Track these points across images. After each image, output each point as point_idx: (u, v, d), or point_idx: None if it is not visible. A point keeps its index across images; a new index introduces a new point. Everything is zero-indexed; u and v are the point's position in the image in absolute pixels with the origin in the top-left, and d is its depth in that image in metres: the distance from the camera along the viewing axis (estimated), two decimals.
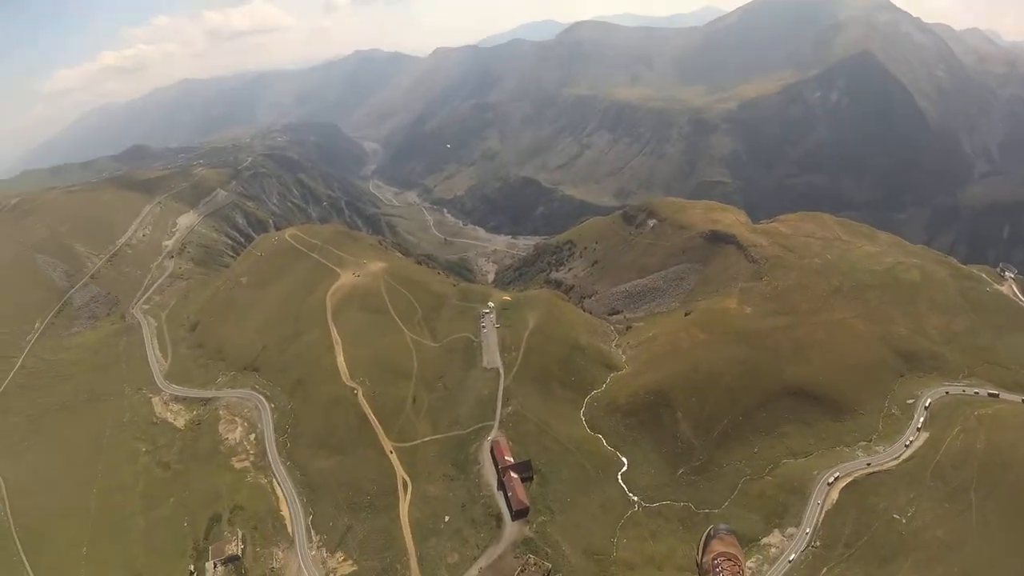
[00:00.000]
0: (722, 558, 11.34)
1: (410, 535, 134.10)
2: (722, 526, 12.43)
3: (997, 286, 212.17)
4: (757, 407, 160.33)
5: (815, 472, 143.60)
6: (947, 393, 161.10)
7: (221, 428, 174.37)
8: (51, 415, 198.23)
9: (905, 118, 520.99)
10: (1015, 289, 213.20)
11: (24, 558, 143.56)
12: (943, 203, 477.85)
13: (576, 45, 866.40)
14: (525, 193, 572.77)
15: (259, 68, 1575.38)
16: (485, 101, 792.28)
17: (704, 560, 11.60)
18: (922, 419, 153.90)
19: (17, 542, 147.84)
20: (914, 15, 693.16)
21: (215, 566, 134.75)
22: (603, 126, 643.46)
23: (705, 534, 12.40)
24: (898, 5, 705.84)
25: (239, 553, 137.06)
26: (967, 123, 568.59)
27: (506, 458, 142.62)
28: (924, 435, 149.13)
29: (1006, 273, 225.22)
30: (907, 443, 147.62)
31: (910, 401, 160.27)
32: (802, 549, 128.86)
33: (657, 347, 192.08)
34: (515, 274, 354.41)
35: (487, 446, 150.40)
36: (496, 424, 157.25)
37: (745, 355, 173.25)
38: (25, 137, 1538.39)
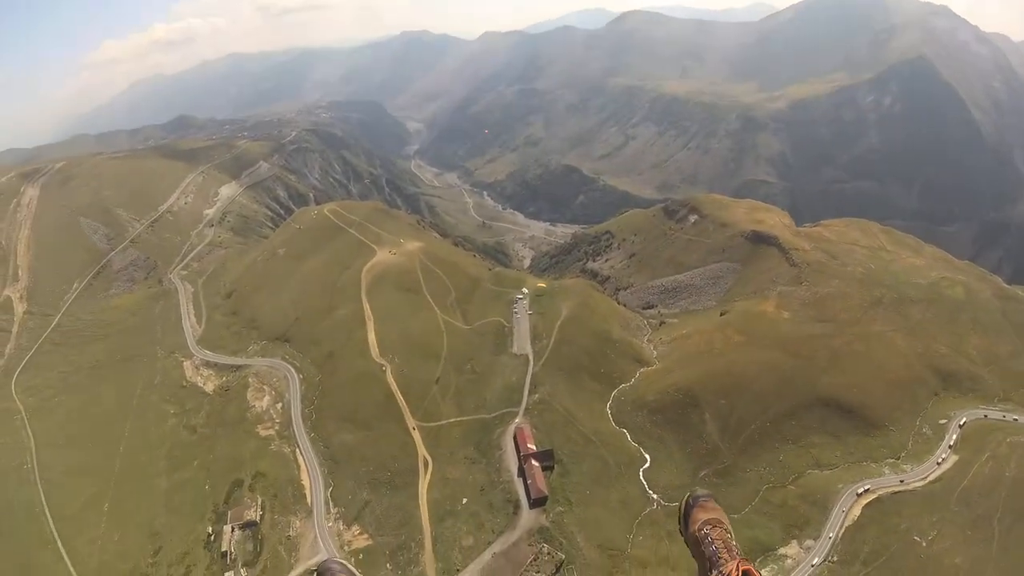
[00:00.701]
0: (708, 525, 11.05)
1: (427, 515, 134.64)
2: (700, 492, 12.09)
3: None
4: (787, 415, 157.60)
5: (839, 486, 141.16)
6: (985, 416, 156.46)
7: (249, 395, 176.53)
8: (84, 373, 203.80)
9: (958, 128, 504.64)
10: None
11: (47, 510, 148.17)
12: (992, 219, 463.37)
13: (626, 35, 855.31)
14: (566, 181, 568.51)
15: (307, 45, 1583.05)
16: (531, 87, 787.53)
17: (689, 531, 11.32)
18: (953, 441, 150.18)
19: (42, 495, 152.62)
20: (972, 23, 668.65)
21: (233, 530, 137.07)
22: (649, 118, 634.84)
23: (683, 504, 11.97)
24: (956, 12, 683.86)
25: (257, 519, 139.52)
26: (1022, 138, 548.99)
27: (528, 446, 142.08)
28: (954, 458, 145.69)
29: None
30: (937, 463, 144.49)
31: (943, 421, 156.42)
32: (819, 563, 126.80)
33: (690, 345, 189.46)
34: (551, 261, 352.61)
35: (511, 432, 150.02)
36: (521, 411, 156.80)
37: (780, 361, 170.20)
38: (72, 105, 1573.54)
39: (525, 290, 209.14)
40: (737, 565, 9.76)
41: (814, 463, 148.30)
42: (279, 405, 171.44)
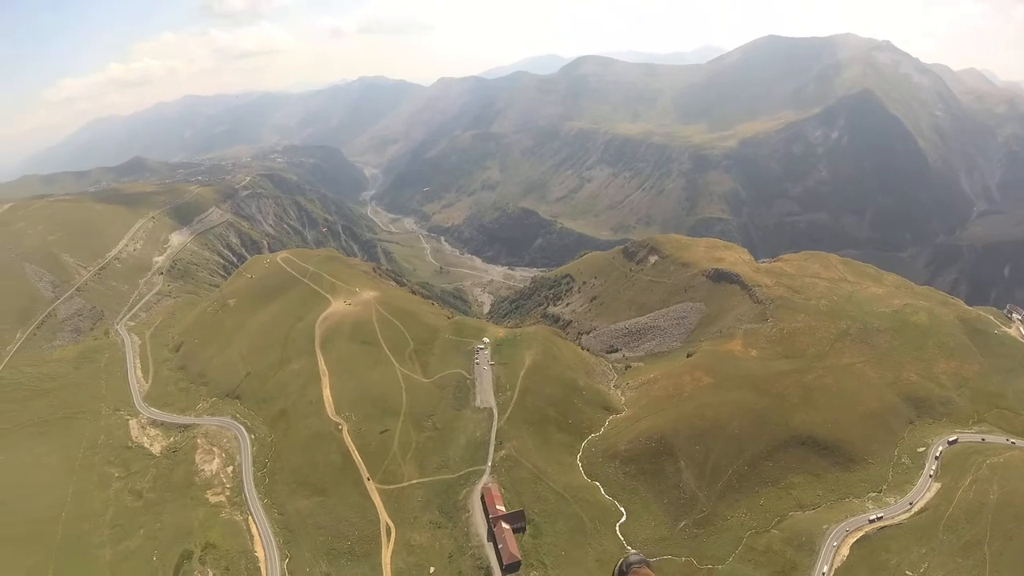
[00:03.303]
0: None
1: None
2: (633, 557, 11.49)
3: (1005, 328, 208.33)
4: (764, 456, 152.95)
5: (824, 526, 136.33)
6: (957, 440, 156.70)
7: (198, 458, 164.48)
8: (25, 431, 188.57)
9: (905, 157, 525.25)
10: (1023, 331, 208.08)
11: None
12: (944, 242, 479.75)
13: (579, 79, 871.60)
14: (524, 224, 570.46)
15: (263, 89, 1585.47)
16: (487, 131, 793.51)
17: None
18: (933, 469, 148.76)
19: None
20: (913, 56, 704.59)
21: None
22: (604, 160, 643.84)
23: (616, 570, 11.47)
24: (898, 46, 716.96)
25: None
26: (966, 162, 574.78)
27: (497, 507, 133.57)
28: (936, 486, 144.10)
29: (1014, 315, 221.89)
30: (919, 494, 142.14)
31: (920, 449, 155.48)
32: None
33: (658, 390, 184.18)
34: (511, 306, 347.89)
35: (478, 492, 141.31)
36: (488, 469, 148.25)
37: (751, 401, 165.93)
38: (28, 141, 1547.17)
39: (486, 339, 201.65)
40: None
41: (796, 504, 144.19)
42: (230, 468, 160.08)
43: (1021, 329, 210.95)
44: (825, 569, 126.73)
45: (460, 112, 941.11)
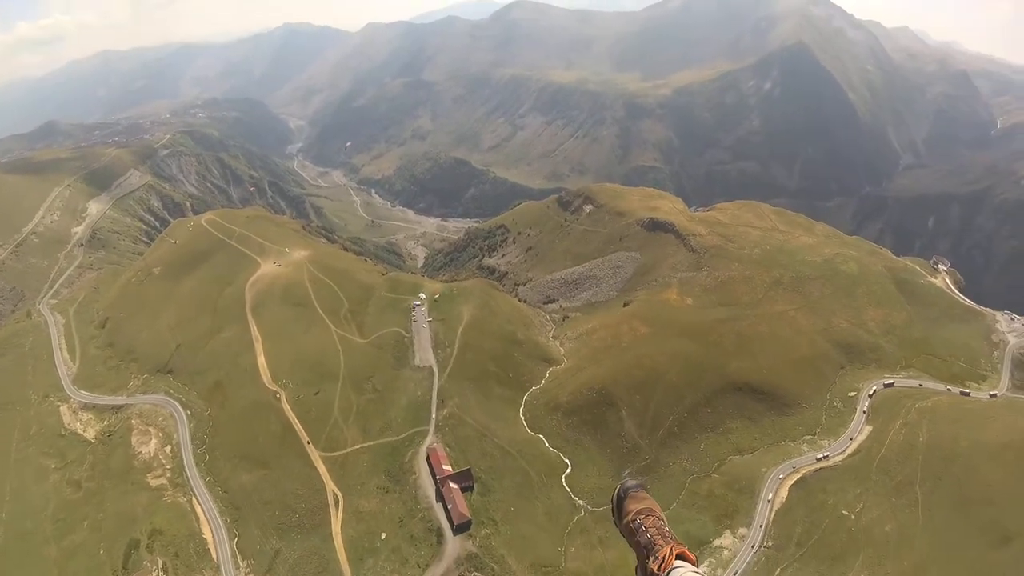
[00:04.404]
0: (640, 515, 11.00)
1: (345, 557, 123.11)
2: (630, 483, 11.64)
3: (931, 279, 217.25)
4: (702, 404, 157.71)
5: (763, 469, 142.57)
6: (884, 385, 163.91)
7: (134, 440, 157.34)
8: None
9: (835, 110, 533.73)
10: (948, 282, 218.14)
11: None
12: (870, 194, 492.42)
13: (511, 25, 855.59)
14: (456, 174, 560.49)
15: (182, 40, 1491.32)
16: (417, 79, 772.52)
17: (623, 523, 11.22)
18: (865, 411, 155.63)
19: None
20: (848, 11, 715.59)
21: None
22: (536, 108, 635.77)
23: (615, 496, 11.61)
24: (833, 1, 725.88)
25: None
26: (895, 118, 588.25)
27: (444, 467, 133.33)
28: (867, 429, 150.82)
29: (939, 266, 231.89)
30: (851, 437, 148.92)
31: (852, 394, 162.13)
32: (755, 550, 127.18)
33: (597, 340, 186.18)
34: (446, 259, 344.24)
35: (423, 454, 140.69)
36: (432, 429, 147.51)
37: (688, 350, 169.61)
38: None
39: (423, 295, 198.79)
40: (671, 549, 9.82)
41: (734, 449, 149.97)
42: (168, 448, 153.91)
43: (947, 280, 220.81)
44: (766, 512, 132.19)
45: (389, 59, 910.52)
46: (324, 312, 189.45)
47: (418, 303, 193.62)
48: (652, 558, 10.22)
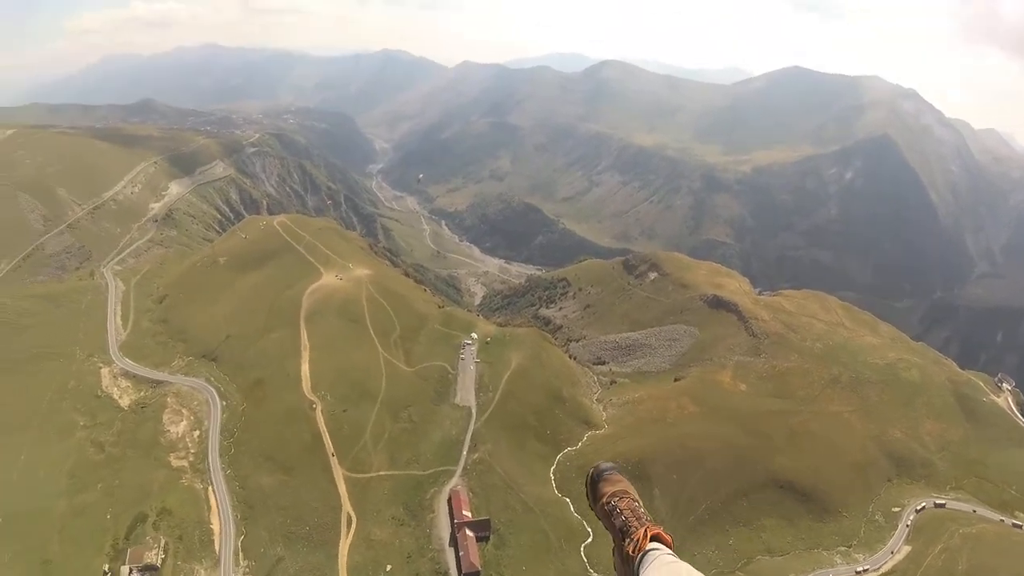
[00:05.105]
0: (615, 497, 10.64)
1: None
2: (604, 465, 11.32)
3: (993, 396, 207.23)
4: (739, 495, 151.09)
5: (790, 575, 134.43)
6: (935, 505, 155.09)
7: (165, 417, 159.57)
8: None
9: (915, 208, 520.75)
10: (1011, 402, 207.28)
11: None
12: (941, 299, 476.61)
13: (601, 83, 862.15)
14: (527, 220, 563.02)
15: (284, 47, 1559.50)
16: (503, 121, 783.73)
17: (598, 505, 10.87)
18: (907, 530, 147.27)
19: None
20: (937, 108, 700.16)
21: (131, 572, 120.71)
22: (615, 167, 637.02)
23: (588, 479, 11.30)
24: (923, 96, 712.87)
25: (158, 563, 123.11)
26: (974, 223, 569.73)
27: (464, 512, 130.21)
28: (906, 548, 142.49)
29: (1003, 384, 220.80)
30: (891, 552, 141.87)
31: (896, 509, 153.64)
32: None
33: (642, 411, 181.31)
34: (503, 302, 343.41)
35: (445, 494, 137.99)
36: (459, 470, 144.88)
37: (735, 437, 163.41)
38: (42, 69, 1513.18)
39: (474, 335, 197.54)
40: (645, 531, 9.73)
41: (765, 548, 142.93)
42: (196, 433, 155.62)
43: (1009, 400, 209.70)
44: None
45: (478, 98, 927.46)
46: (375, 333, 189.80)
47: (469, 342, 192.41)
48: (627, 540, 9.88)
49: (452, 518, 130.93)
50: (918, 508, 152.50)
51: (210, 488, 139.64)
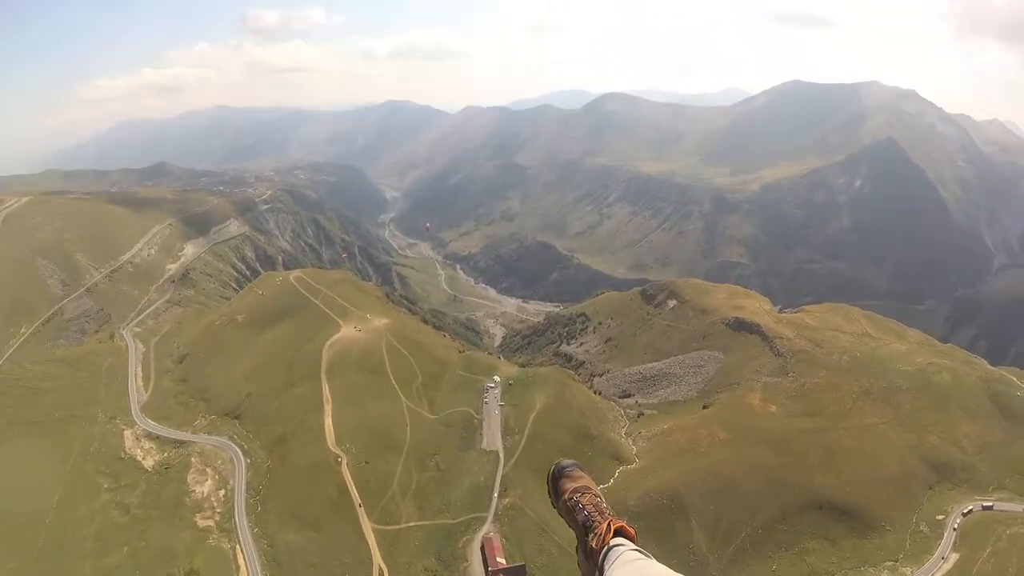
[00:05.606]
0: (577, 493, 10.44)
1: None
2: (565, 462, 11.12)
3: None
4: (779, 519, 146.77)
5: None
6: (983, 508, 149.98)
7: (190, 477, 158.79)
8: (18, 428, 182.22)
9: (927, 208, 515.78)
10: None
11: None
12: (964, 296, 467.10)
13: (603, 116, 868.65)
14: (540, 258, 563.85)
15: (293, 104, 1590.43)
16: (510, 162, 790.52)
17: (560, 501, 10.72)
18: (952, 537, 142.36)
19: None
20: (938, 105, 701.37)
21: None
22: (624, 198, 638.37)
23: (550, 476, 11.15)
24: (923, 95, 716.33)
25: None
26: (988, 215, 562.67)
27: (498, 559, 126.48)
28: (954, 556, 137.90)
29: None
30: (942, 557, 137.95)
31: (940, 517, 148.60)
32: None
33: (672, 442, 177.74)
34: (523, 341, 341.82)
35: (478, 541, 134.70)
36: (490, 516, 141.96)
37: (769, 460, 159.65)
38: (57, 136, 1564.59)
39: (497, 378, 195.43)
40: (608, 525, 9.53)
41: (809, 572, 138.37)
42: (222, 492, 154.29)
43: None
44: None
45: (484, 141, 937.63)
46: (397, 382, 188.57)
47: (492, 385, 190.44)
48: (591, 535, 9.62)
49: (486, 566, 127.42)
50: (964, 512, 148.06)
51: (238, 547, 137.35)
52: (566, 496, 10.54)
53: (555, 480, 11.09)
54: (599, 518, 9.85)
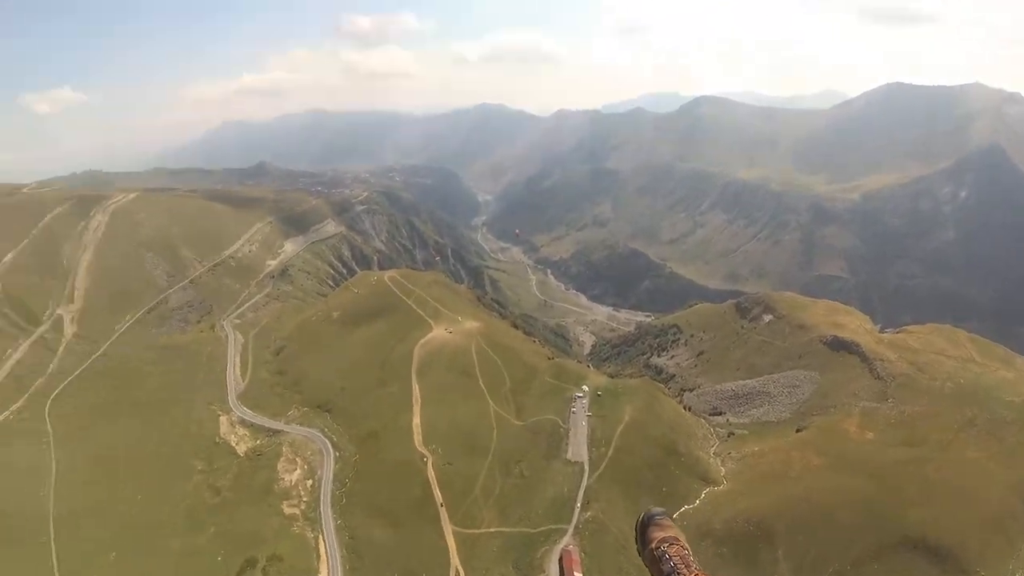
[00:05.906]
0: (665, 543, 10.71)
1: None
2: (655, 510, 11.61)
3: None
4: (871, 556, 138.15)
5: None
6: None
7: (280, 466, 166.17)
8: (120, 408, 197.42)
9: None
10: None
11: (53, 548, 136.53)
12: None
13: (696, 120, 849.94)
14: (632, 265, 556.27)
15: (387, 108, 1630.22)
16: (601, 167, 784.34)
17: (647, 550, 10.98)
18: None
19: (51, 530, 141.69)
20: None
21: None
22: (718, 205, 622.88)
23: (639, 523, 11.50)
24: None
25: None
26: None
27: (576, 574, 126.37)
28: None
29: None
30: None
31: None
32: None
33: (763, 465, 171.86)
34: (613, 350, 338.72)
35: (557, 553, 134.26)
36: (571, 529, 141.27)
37: (865, 491, 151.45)
38: (165, 136, 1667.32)
39: (585, 387, 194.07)
40: None
41: None
42: (309, 482, 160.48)
43: None
44: None
45: (576, 146, 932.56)
46: (486, 386, 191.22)
47: (580, 395, 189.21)
48: None
49: None
50: None
51: (320, 537, 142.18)
52: (653, 545, 10.86)
53: (643, 527, 11.42)
54: (685, 571, 10.14)
